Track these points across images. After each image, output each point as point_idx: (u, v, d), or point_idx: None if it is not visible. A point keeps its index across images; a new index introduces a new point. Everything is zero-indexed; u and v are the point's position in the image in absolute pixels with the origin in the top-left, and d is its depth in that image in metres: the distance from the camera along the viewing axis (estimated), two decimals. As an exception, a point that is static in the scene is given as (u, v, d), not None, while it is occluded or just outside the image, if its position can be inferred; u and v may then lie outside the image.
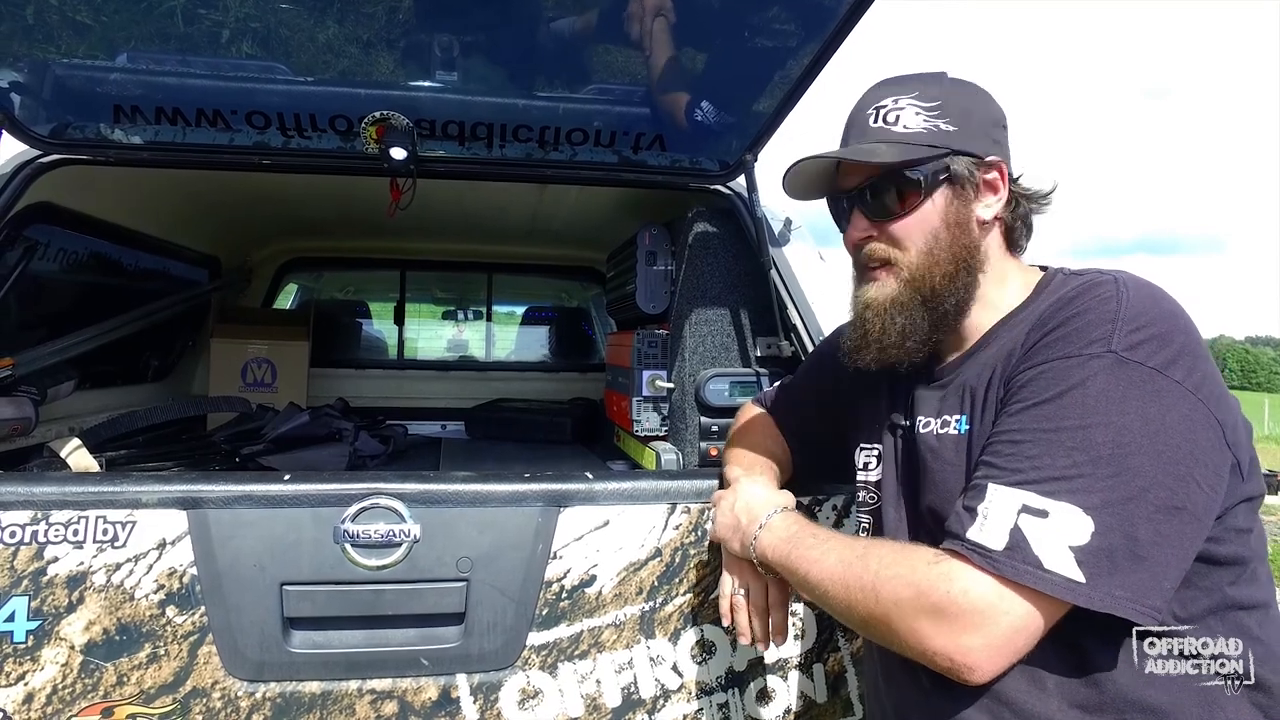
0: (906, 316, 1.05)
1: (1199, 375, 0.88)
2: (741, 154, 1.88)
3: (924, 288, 1.04)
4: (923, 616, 0.88)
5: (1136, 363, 0.87)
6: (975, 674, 0.86)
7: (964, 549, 0.88)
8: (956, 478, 1.02)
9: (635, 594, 1.40)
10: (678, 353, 1.99)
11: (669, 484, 1.44)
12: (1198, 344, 0.90)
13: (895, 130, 1.04)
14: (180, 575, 1.27)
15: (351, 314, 3.97)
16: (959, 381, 1.06)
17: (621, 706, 1.39)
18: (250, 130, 1.76)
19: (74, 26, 1.47)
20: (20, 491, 1.24)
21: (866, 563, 0.96)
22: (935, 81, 1.07)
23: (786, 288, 1.91)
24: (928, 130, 1.04)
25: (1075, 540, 0.83)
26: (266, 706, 1.29)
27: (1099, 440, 0.85)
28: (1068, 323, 0.93)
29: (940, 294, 1.04)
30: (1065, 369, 0.90)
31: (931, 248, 1.05)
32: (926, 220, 1.05)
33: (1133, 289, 0.94)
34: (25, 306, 1.92)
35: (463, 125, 1.78)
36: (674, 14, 1.54)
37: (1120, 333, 0.89)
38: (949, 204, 1.05)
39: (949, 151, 1.04)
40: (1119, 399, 0.86)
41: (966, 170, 1.04)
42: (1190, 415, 0.86)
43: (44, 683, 1.23)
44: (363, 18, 1.50)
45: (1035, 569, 0.84)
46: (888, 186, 1.06)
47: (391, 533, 1.31)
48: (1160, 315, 0.91)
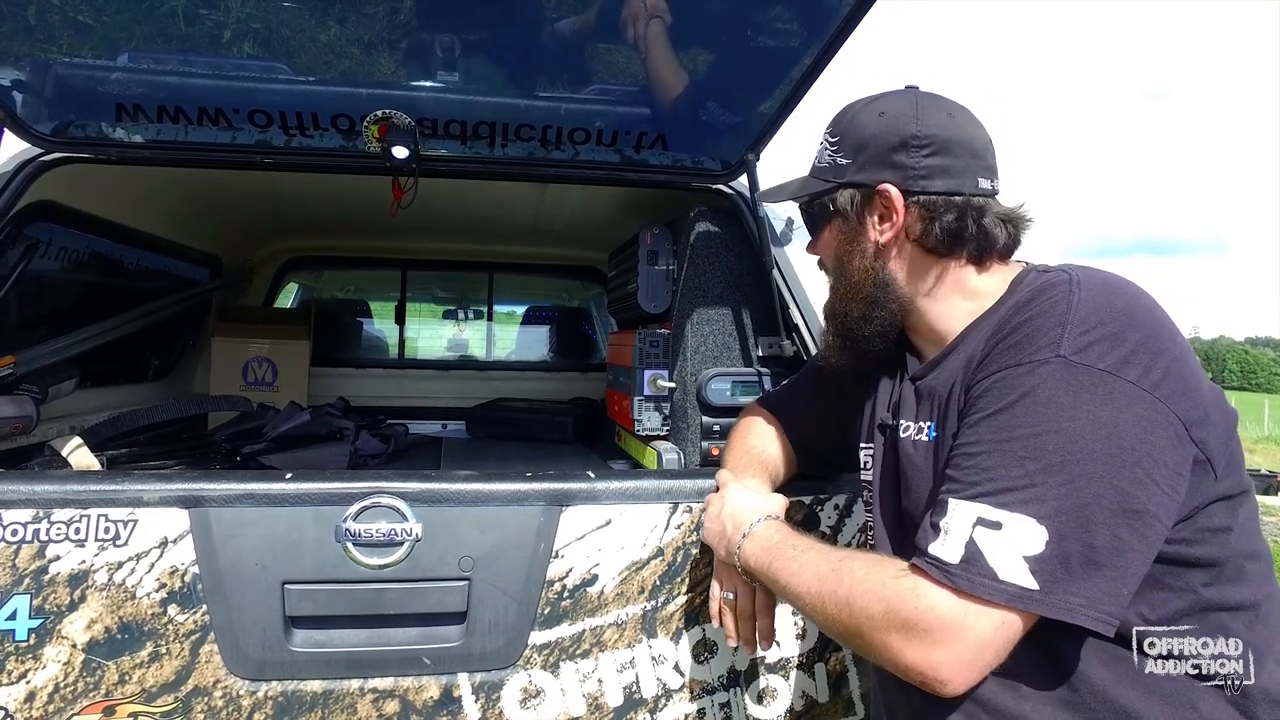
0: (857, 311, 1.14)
1: (1158, 372, 0.87)
2: (744, 153, 1.88)
3: (837, 304, 1.16)
4: (893, 632, 0.89)
5: (1086, 365, 0.87)
6: (948, 687, 0.87)
7: (925, 564, 0.90)
8: (925, 484, 1.04)
9: (637, 593, 1.39)
10: (679, 352, 1.99)
11: (671, 483, 1.44)
12: (1157, 339, 0.89)
13: (815, 165, 1.17)
14: (182, 574, 1.27)
15: (352, 313, 3.96)
16: (930, 388, 1.08)
17: (623, 706, 1.39)
18: (252, 129, 1.76)
19: (76, 26, 1.47)
20: (22, 490, 1.24)
21: (840, 577, 0.97)
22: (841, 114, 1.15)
23: (789, 287, 1.91)
24: (828, 164, 1.15)
25: (1029, 550, 0.84)
26: (268, 705, 1.29)
27: (1050, 448, 0.86)
28: (1019, 328, 0.94)
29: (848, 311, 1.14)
30: (1016, 377, 0.90)
31: (838, 270, 1.16)
32: (827, 247, 1.18)
33: (1086, 288, 0.94)
34: (27, 305, 1.92)
35: (465, 124, 1.78)
36: (676, 14, 1.54)
37: (1069, 336, 0.89)
38: (839, 233, 1.14)
39: (835, 185, 1.12)
40: (1069, 405, 0.86)
41: (848, 202, 1.12)
42: (1146, 416, 0.86)
43: (46, 681, 1.23)
44: (364, 18, 1.50)
45: (990, 580, 0.85)
46: (806, 214, 1.22)
47: (393, 532, 1.31)
48: (1112, 314, 0.90)
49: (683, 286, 1.99)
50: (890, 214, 1.08)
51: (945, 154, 1.07)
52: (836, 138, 1.13)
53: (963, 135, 1.09)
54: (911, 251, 1.10)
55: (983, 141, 1.10)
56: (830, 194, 1.13)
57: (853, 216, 1.12)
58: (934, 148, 1.07)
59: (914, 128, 1.07)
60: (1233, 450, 0.94)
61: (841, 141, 1.12)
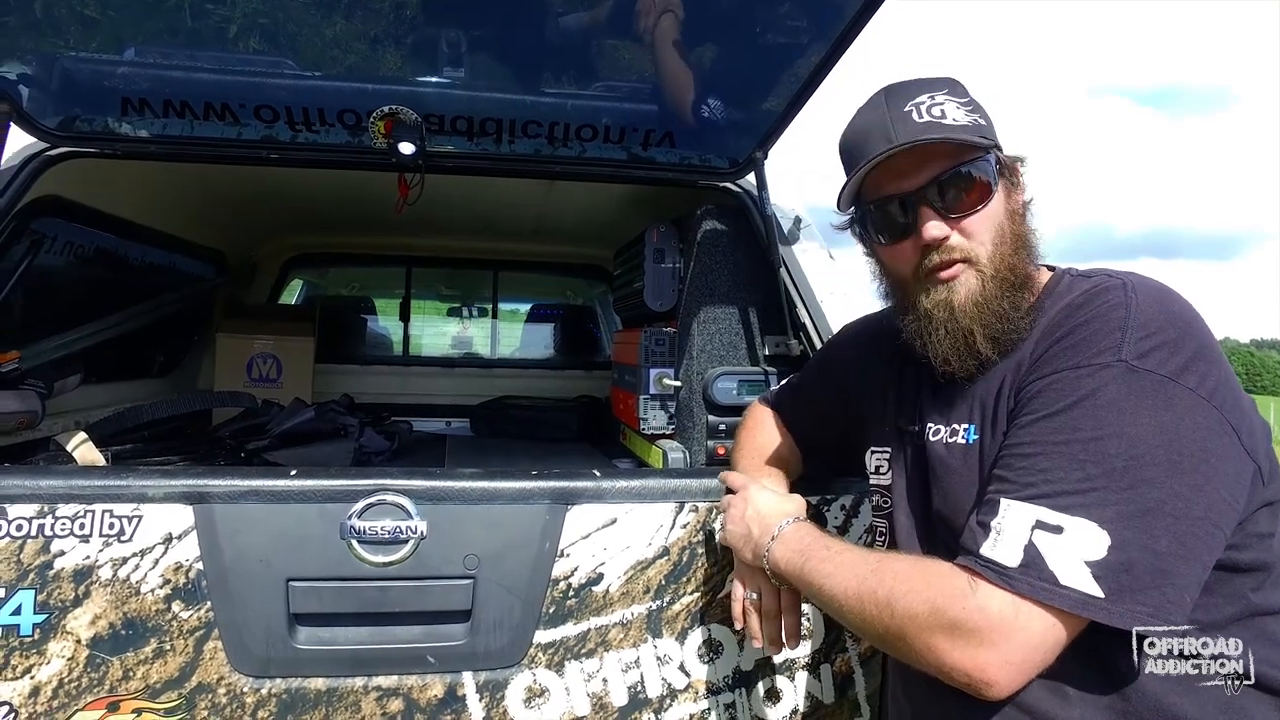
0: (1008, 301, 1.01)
1: (1213, 381, 0.87)
2: (751, 151, 1.87)
3: (1007, 275, 1.02)
4: (939, 633, 0.87)
5: (1147, 371, 0.86)
6: (993, 690, 0.85)
7: (978, 565, 0.88)
8: (965, 487, 1.02)
9: (642, 593, 1.39)
10: (685, 351, 1.98)
11: (677, 482, 1.43)
12: (1211, 348, 0.89)
13: (946, 123, 1.00)
14: (186, 570, 1.27)
15: (357, 310, 3.96)
16: (969, 390, 1.05)
17: (628, 706, 1.38)
18: (258, 124, 1.76)
19: (82, 20, 1.47)
20: (27, 485, 1.24)
21: (881, 577, 0.95)
22: (957, 82, 1.06)
23: (796, 286, 1.90)
24: (973, 124, 1.02)
25: (1091, 555, 0.82)
26: (272, 703, 1.28)
27: (1112, 452, 0.84)
28: (1076, 331, 0.92)
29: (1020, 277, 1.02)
30: (1075, 379, 0.89)
31: (1001, 239, 1.03)
32: (996, 212, 1.03)
33: (1142, 294, 0.92)
34: (32, 300, 1.91)
35: (471, 120, 1.77)
36: (685, 10, 1.53)
37: (1130, 341, 0.88)
38: (1008, 195, 1.05)
39: (996, 145, 1.03)
40: (1131, 409, 0.85)
41: (1009, 163, 1.05)
42: (1205, 423, 0.85)
43: (50, 676, 1.23)
44: (370, 13, 1.49)
45: (1051, 585, 0.83)
46: (961, 180, 1.02)
47: (398, 529, 1.31)
48: (1170, 321, 0.89)
49: (689, 285, 1.98)
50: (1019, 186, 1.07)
51: None
52: (967, 99, 1.04)
53: None
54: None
55: None
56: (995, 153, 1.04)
57: (1011, 178, 1.06)
58: None
59: None
60: (1272, 457, 0.93)
61: (974, 105, 1.04)
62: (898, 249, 1.07)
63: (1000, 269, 1.01)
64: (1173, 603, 0.82)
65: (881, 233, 1.09)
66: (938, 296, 1.03)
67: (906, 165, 1.02)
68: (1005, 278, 1.01)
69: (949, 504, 1.04)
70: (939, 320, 1.03)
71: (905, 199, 1.04)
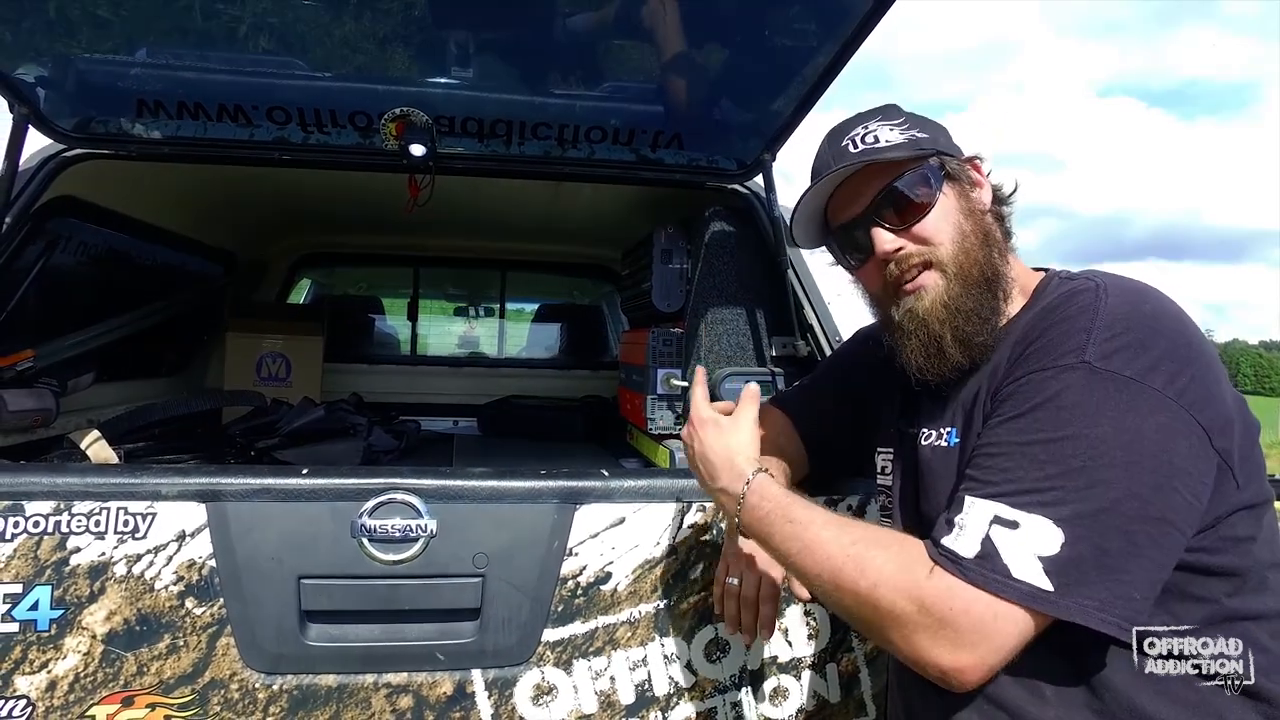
0: (974, 300, 1.02)
1: (1183, 380, 0.87)
2: (759, 153, 1.88)
3: (972, 271, 1.03)
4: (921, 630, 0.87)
5: (1111, 372, 0.87)
6: (966, 684, 0.87)
7: (936, 554, 0.90)
8: (946, 489, 1.03)
9: (650, 591, 1.40)
10: (693, 351, 1.99)
11: (685, 482, 1.43)
12: (1183, 348, 0.89)
13: (879, 147, 1.05)
14: (199, 567, 1.28)
15: (365, 310, 3.98)
16: (955, 393, 1.07)
17: (635, 703, 1.39)
18: (270, 125, 1.77)
19: (95, 22, 1.48)
20: (44, 482, 1.26)
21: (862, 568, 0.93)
22: (892, 108, 1.11)
23: (803, 288, 1.90)
24: (908, 140, 1.06)
25: (1044, 551, 0.84)
26: (283, 699, 1.30)
27: (1070, 452, 0.86)
28: (1045, 333, 0.94)
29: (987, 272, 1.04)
30: (1041, 381, 0.90)
31: (960, 236, 1.05)
32: (949, 211, 1.05)
33: (1114, 295, 0.93)
34: (46, 299, 1.93)
35: (482, 122, 1.79)
36: (694, 12, 1.54)
37: (1095, 342, 0.89)
38: (959, 195, 1.07)
39: (935, 151, 1.07)
40: (1092, 410, 0.86)
41: (956, 165, 1.08)
42: (1169, 424, 0.85)
43: (66, 671, 1.24)
44: (380, 14, 1.50)
45: (1003, 578, 0.84)
46: (901, 192, 1.05)
47: (408, 528, 1.32)
48: (1139, 321, 0.90)
49: (697, 285, 1.99)
50: (982, 184, 1.09)
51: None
52: (901, 119, 1.08)
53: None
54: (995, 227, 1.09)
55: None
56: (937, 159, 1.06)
57: (963, 179, 1.08)
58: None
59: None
60: (1255, 459, 0.93)
61: (909, 123, 1.08)
62: (865, 270, 1.12)
63: (964, 265, 1.03)
64: (1119, 598, 0.83)
65: (848, 257, 1.15)
66: (905, 306, 1.06)
67: (852, 194, 1.09)
68: (970, 274, 1.03)
69: (932, 505, 1.06)
70: (909, 330, 1.05)
71: (858, 223, 1.09)
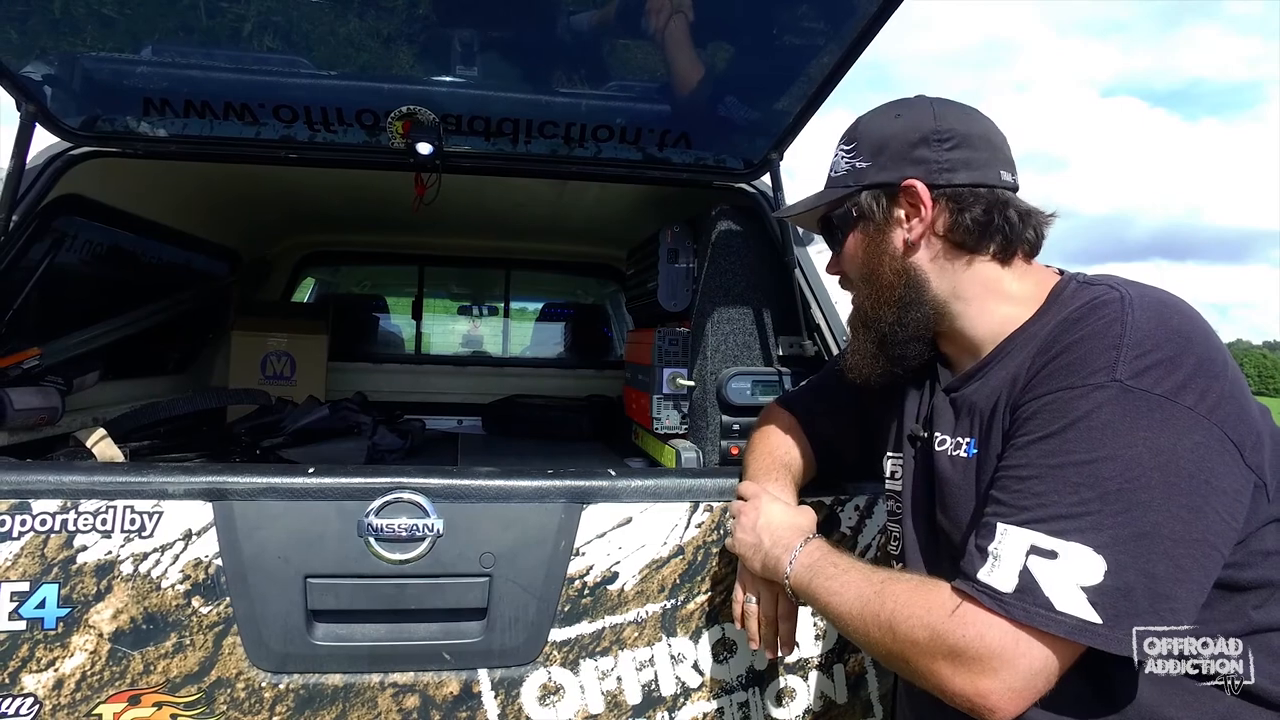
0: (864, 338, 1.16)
1: (1214, 397, 0.85)
2: (767, 152, 1.87)
3: (869, 311, 1.14)
4: (940, 659, 0.87)
5: (1143, 391, 0.84)
6: (996, 715, 0.85)
7: (975, 591, 0.88)
8: (964, 501, 1.02)
9: (657, 592, 1.39)
10: (699, 351, 1.99)
11: (692, 482, 1.43)
12: (1213, 362, 0.87)
13: (831, 175, 1.16)
14: (205, 566, 1.28)
15: (369, 308, 3.98)
16: (969, 402, 1.05)
17: (642, 704, 1.39)
18: (277, 124, 1.77)
19: (101, 20, 1.48)
20: (51, 480, 1.26)
21: (883, 600, 0.95)
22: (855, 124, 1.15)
23: (810, 287, 1.90)
24: (847, 170, 1.13)
25: (1087, 580, 0.82)
26: (289, 698, 1.30)
27: (1106, 475, 0.83)
28: (1070, 349, 0.91)
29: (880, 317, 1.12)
30: (1069, 400, 0.88)
31: (868, 276, 1.14)
32: (854, 254, 1.15)
33: (1139, 308, 0.91)
34: (52, 297, 1.93)
35: (489, 121, 1.78)
36: (701, 11, 1.54)
37: (1125, 359, 0.86)
38: (866, 237, 1.13)
39: (856, 189, 1.11)
40: (1126, 431, 0.84)
41: (871, 203, 1.10)
42: (1203, 442, 0.83)
43: (73, 669, 1.24)
44: (385, 13, 1.50)
45: (1046, 611, 0.83)
46: (826, 229, 1.21)
47: (415, 527, 1.32)
48: (1168, 337, 0.88)
49: (703, 285, 1.99)
50: (918, 209, 1.07)
51: (967, 146, 1.06)
52: (852, 144, 1.13)
53: (981, 129, 1.08)
54: (941, 247, 1.07)
55: (1000, 136, 1.09)
56: (852, 198, 1.12)
57: (879, 216, 1.10)
58: (955, 140, 1.06)
59: (933, 123, 1.07)
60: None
61: (858, 147, 1.12)
62: None
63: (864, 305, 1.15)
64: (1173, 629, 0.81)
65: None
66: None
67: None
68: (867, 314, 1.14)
69: (949, 517, 1.05)
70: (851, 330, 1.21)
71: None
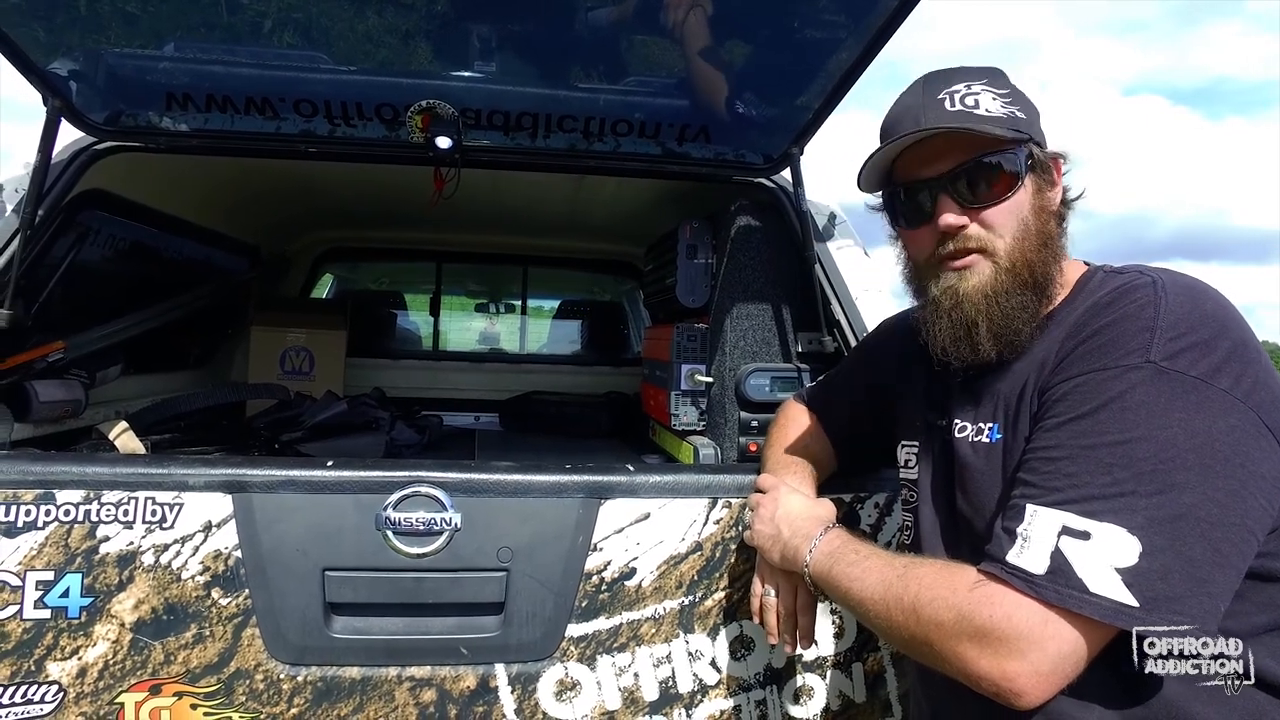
0: (1017, 300, 0.99)
1: (1249, 381, 0.84)
2: (787, 147, 1.85)
3: (1023, 272, 1.00)
4: (965, 640, 0.86)
5: (1178, 372, 0.83)
6: (1023, 699, 0.83)
7: (1004, 573, 0.86)
8: (988, 487, 1.00)
9: (674, 588, 1.39)
10: (718, 347, 1.98)
11: (710, 478, 1.43)
12: (1247, 346, 0.86)
13: (979, 113, 1.00)
14: (225, 558, 1.29)
15: (388, 305, 4.00)
16: (991, 388, 1.03)
17: (659, 700, 1.38)
18: (297, 118, 1.77)
19: (125, 17, 1.49)
20: (74, 471, 1.27)
21: (906, 583, 0.94)
22: (999, 73, 1.05)
23: (830, 283, 1.88)
24: (1008, 116, 1.01)
25: (1121, 562, 0.80)
26: (307, 690, 1.30)
27: (1140, 455, 0.82)
28: (1102, 331, 0.90)
29: (1038, 276, 1.00)
30: (1102, 381, 0.86)
31: (1023, 234, 1.01)
32: (1020, 206, 1.01)
33: (1172, 292, 0.90)
34: (76, 291, 1.95)
35: (508, 115, 1.77)
36: (720, 5, 1.53)
37: (1159, 341, 0.85)
38: (1036, 191, 1.03)
39: (1029, 139, 1.01)
40: (1161, 412, 0.82)
41: (1044, 159, 1.03)
42: (1239, 425, 0.82)
43: (96, 658, 1.26)
44: (404, 8, 1.50)
45: (1080, 593, 0.81)
46: (983, 171, 1.01)
47: (433, 521, 1.32)
48: (1202, 320, 0.87)
49: (722, 281, 1.97)
50: (1057, 183, 1.04)
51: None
52: (1007, 91, 1.03)
53: None
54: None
55: None
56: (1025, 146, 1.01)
57: (1045, 175, 1.03)
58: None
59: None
60: None
61: (1014, 97, 1.03)
62: (918, 234, 1.07)
63: (1016, 264, 1.00)
64: (1210, 613, 0.80)
65: (904, 216, 1.09)
66: (946, 283, 1.03)
67: (932, 153, 1.03)
68: (1020, 274, 1.00)
69: (971, 503, 1.03)
70: (944, 308, 1.03)
71: (928, 185, 1.04)
